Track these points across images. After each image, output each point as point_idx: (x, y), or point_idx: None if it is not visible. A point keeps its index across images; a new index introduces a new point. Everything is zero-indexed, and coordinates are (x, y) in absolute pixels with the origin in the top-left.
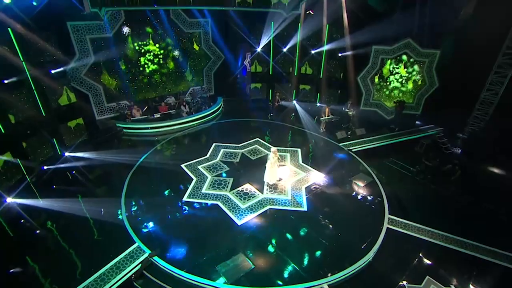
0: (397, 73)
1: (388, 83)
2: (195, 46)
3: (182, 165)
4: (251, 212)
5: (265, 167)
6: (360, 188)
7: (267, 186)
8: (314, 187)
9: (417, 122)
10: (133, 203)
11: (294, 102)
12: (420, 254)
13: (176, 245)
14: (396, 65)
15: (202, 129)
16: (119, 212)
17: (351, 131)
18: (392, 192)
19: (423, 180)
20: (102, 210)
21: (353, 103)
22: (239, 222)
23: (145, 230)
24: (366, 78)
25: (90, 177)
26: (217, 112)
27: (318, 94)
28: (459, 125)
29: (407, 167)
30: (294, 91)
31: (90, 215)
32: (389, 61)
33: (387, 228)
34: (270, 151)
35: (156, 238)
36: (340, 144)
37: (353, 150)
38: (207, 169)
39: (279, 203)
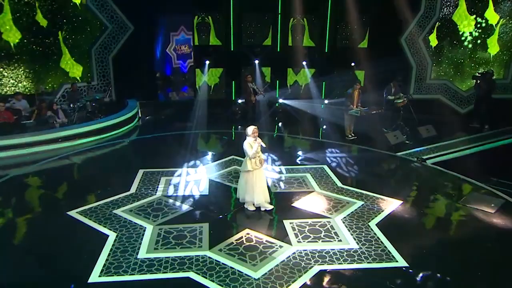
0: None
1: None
2: None
3: (71, 212)
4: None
5: (242, 178)
6: (491, 217)
7: (291, 226)
8: None
9: None
10: None
11: (281, 100)
12: None
13: None
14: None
15: (108, 150)
16: None
17: (406, 133)
18: None
19: None
20: None
21: (397, 85)
22: None
23: None
24: (416, 38)
25: None
26: (132, 124)
27: (324, 83)
28: None
29: None
30: (277, 80)
31: None
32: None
33: None
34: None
35: None
36: (398, 153)
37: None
38: (137, 214)
39: (336, 259)
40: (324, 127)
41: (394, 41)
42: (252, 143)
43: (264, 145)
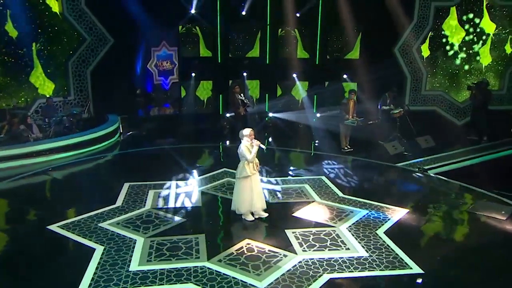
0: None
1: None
2: (55, 7)
3: (52, 226)
4: None
5: (239, 185)
6: (503, 224)
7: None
8: None
9: None
10: None
11: (271, 114)
12: None
13: None
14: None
15: (91, 165)
16: None
17: (404, 144)
18: None
19: None
20: None
21: (392, 96)
22: None
23: None
24: (410, 48)
25: None
26: (113, 139)
27: (316, 96)
28: None
29: None
30: (266, 94)
31: None
32: (453, 9)
33: None
34: (242, 140)
35: None
36: (398, 164)
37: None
38: (126, 226)
39: (346, 267)
40: (317, 141)
41: (387, 51)
42: (249, 146)
43: (263, 147)
